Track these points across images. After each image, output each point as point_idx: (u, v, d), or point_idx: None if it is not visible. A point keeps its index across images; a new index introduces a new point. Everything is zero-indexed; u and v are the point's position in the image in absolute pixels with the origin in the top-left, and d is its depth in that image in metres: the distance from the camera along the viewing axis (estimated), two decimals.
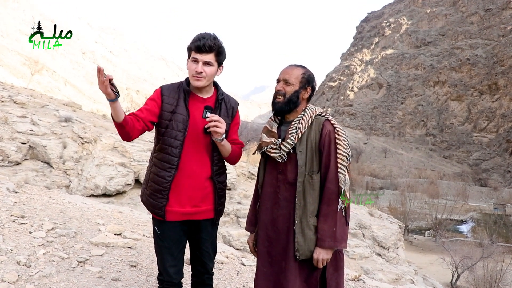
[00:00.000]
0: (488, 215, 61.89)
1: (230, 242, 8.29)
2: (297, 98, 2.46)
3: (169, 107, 2.47)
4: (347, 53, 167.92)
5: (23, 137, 9.51)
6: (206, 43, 2.39)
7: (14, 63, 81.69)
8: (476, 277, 24.33)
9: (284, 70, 2.52)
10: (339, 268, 2.50)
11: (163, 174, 2.46)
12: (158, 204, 2.48)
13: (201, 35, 2.43)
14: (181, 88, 2.53)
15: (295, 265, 2.40)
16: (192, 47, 2.42)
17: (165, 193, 2.46)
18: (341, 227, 2.37)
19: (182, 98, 2.50)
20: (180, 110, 2.47)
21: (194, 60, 2.42)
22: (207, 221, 2.65)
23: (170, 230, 2.53)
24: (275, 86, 2.53)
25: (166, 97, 2.49)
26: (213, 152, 2.57)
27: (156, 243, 2.61)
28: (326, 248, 2.35)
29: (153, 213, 2.55)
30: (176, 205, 2.49)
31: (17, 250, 3.76)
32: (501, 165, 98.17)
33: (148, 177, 2.58)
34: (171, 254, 2.56)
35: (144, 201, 2.62)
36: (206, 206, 2.59)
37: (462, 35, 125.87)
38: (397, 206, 52.04)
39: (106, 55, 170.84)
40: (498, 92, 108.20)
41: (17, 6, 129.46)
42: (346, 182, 2.37)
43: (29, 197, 5.96)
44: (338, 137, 2.40)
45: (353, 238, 12.43)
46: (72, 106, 16.99)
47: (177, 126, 2.45)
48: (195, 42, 2.41)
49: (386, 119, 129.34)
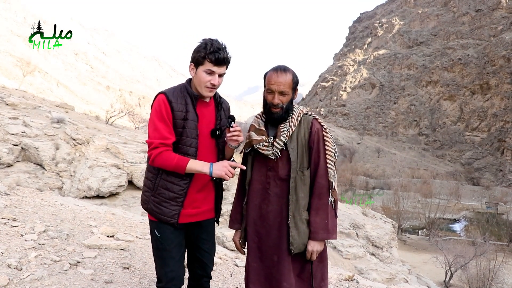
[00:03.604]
0: (481, 214, 62.40)
1: (223, 243, 8.27)
2: (291, 104, 2.56)
3: (180, 114, 2.37)
4: (340, 54, 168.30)
5: (15, 139, 9.43)
6: (225, 56, 2.34)
7: (6, 64, 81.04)
8: (469, 275, 24.52)
9: (276, 80, 2.48)
10: (323, 259, 2.62)
11: (178, 181, 2.39)
12: (171, 211, 2.40)
13: (216, 45, 2.33)
14: (186, 93, 2.43)
15: (288, 259, 2.50)
16: (211, 59, 2.31)
17: (180, 200, 2.41)
18: (332, 219, 2.51)
19: (190, 104, 2.41)
20: (191, 117, 2.39)
21: (210, 72, 2.35)
22: (207, 221, 2.62)
23: (172, 232, 2.45)
24: (269, 97, 2.52)
25: (175, 105, 2.37)
26: (219, 154, 2.57)
27: (156, 248, 2.51)
28: (319, 240, 2.49)
29: (160, 220, 2.44)
30: (184, 209, 2.46)
31: (8, 253, 3.72)
32: (493, 164, 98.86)
33: (156, 183, 2.44)
34: (173, 258, 2.46)
35: (150, 209, 2.47)
36: (206, 206, 2.58)
37: (454, 35, 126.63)
38: (391, 205, 52.34)
39: (99, 56, 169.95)
40: (490, 92, 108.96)
41: (8, 7, 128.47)
42: (335, 176, 2.53)
43: (21, 199, 5.92)
44: (326, 134, 2.55)
45: (347, 238, 12.47)
46: (64, 108, 16.90)
47: (191, 134, 2.39)
48: (213, 53, 2.31)
49: (379, 119, 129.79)
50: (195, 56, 2.36)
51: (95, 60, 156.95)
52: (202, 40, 2.38)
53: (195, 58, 2.36)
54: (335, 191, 2.53)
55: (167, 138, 2.33)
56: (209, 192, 2.59)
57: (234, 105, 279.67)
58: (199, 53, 2.33)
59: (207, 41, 2.35)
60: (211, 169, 2.29)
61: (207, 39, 2.37)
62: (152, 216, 2.47)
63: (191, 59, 2.40)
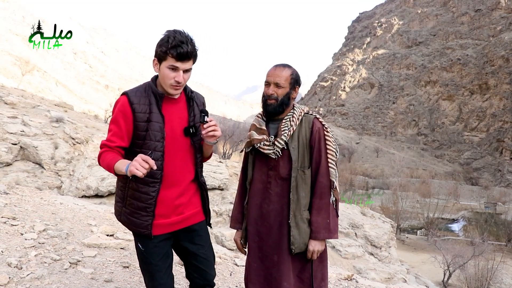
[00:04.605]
0: (479, 214, 62.49)
1: (223, 243, 8.28)
2: (288, 99, 2.53)
3: (142, 116, 2.16)
4: (339, 53, 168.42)
5: (14, 138, 9.42)
6: (189, 50, 2.10)
7: (5, 63, 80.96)
8: (467, 275, 24.58)
9: (272, 72, 2.52)
10: (323, 259, 2.62)
11: (146, 189, 2.20)
12: (143, 222, 2.23)
13: (178, 38, 2.08)
14: (150, 92, 2.22)
15: (288, 258, 2.49)
16: (173, 54, 2.08)
17: (150, 209, 2.22)
18: (333, 218, 2.50)
19: (154, 104, 2.20)
20: (155, 118, 2.18)
21: (173, 68, 2.13)
22: (197, 225, 2.44)
23: (155, 245, 2.29)
24: (265, 89, 2.55)
25: (137, 106, 2.16)
26: (196, 153, 2.38)
27: (142, 261, 2.34)
28: (321, 240, 2.47)
29: (136, 232, 2.29)
30: (161, 218, 2.27)
31: (8, 252, 3.73)
32: (491, 164, 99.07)
33: (125, 193, 2.28)
34: (159, 271, 2.30)
35: (123, 220, 2.32)
36: (192, 210, 2.41)
37: (453, 35, 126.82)
38: (389, 205, 52.37)
39: (98, 55, 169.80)
40: (489, 92, 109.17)
41: (7, 6, 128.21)
42: (336, 176, 2.52)
43: (20, 198, 5.92)
44: (327, 134, 2.54)
45: (346, 237, 12.49)
46: (63, 107, 16.90)
47: (155, 136, 2.18)
48: (175, 48, 2.07)
49: (378, 118, 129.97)
50: (157, 51, 2.14)
51: (94, 60, 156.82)
52: (165, 32, 2.14)
53: (158, 53, 2.14)
54: (337, 191, 2.51)
55: (112, 141, 2.15)
56: (194, 195, 2.42)
57: (233, 105, 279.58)
58: (161, 48, 2.11)
59: (170, 33, 2.11)
60: (127, 168, 1.96)
61: (171, 31, 2.14)
62: (127, 228, 2.33)
63: (154, 53, 2.18)
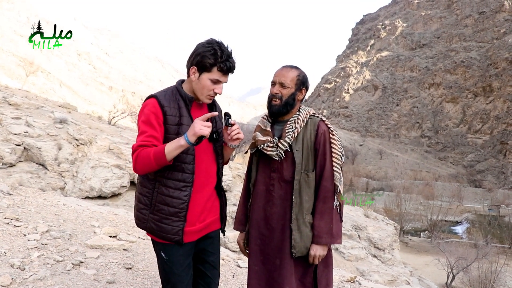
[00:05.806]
0: (483, 216, 62.19)
1: (225, 244, 8.27)
2: (293, 100, 2.50)
3: (173, 119, 2.14)
4: (343, 55, 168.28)
5: (17, 139, 9.45)
6: (234, 65, 2.14)
7: (9, 64, 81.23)
8: (471, 277, 24.47)
9: (279, 72, 2.52)
10: (329, 264, 2.57)
11: (178, 194, 2.15)
12: (174, 228, 2.16)
13: (226, 53, 2.10)
14: (178, 96, 2.20)
15: (290, 262, 2.45)
16: (222, 68, 2.10)
17: (182, 214, 2.16)
18: (336, 223, 2.46)
19: (184, 107, 2.19)
20: (185, 121, 2.16)
21: (216, 82, 2.14)
22: (213, 233, 2.41)
23: (181, 254, 2.23)
24: (271, 89, 2.53)
25: (168, 109, 2.13)
26: (218, 159, 2.37)
27: (164, 271, 2.27)
28: (323, 245, 2.43)
29: (164, 239, 2.20)
30: (189, 225, 2.22)
31: (11, 253, 3.73)
32: (495, 167, 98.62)
33: (153, 199, 2.19)
34: (182, 282, 2.23)
35: (150, 228, 2.21)
36: (212, 217, 2.38)
37: (457, 38, 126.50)
38: (393, 207, 52.26)
39: (102, 57, 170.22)
40: (492, 94, 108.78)
41: (11, 7, 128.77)
42: (341, 180, 2.46)
43: (24, 199, 5.93)
44: (333, 137, 2.49)
45: (349, 239, 12.46)
46: (67, 108, 16.94)
47: None
48: (225, 63, 2.10)
49: (381, 121, 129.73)
50: (201, 61, 2.11)
51: (98, 61, 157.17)
52: (208, 43, 2.12)
53: (201, 63, 2.11)
54: (341, 195, 2.46)
55: (148, 141, 2.07)
56: (215, 200, 2.40)
57: (237, 106, 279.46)
58: (207, 59, 2.08)
59: (215, 46, 2.09)
60: (186, 137, 1.96)
61: (214, 42, 2.12)
62: (154, 235, 2.23)
63: (195, 62, 2.14)
